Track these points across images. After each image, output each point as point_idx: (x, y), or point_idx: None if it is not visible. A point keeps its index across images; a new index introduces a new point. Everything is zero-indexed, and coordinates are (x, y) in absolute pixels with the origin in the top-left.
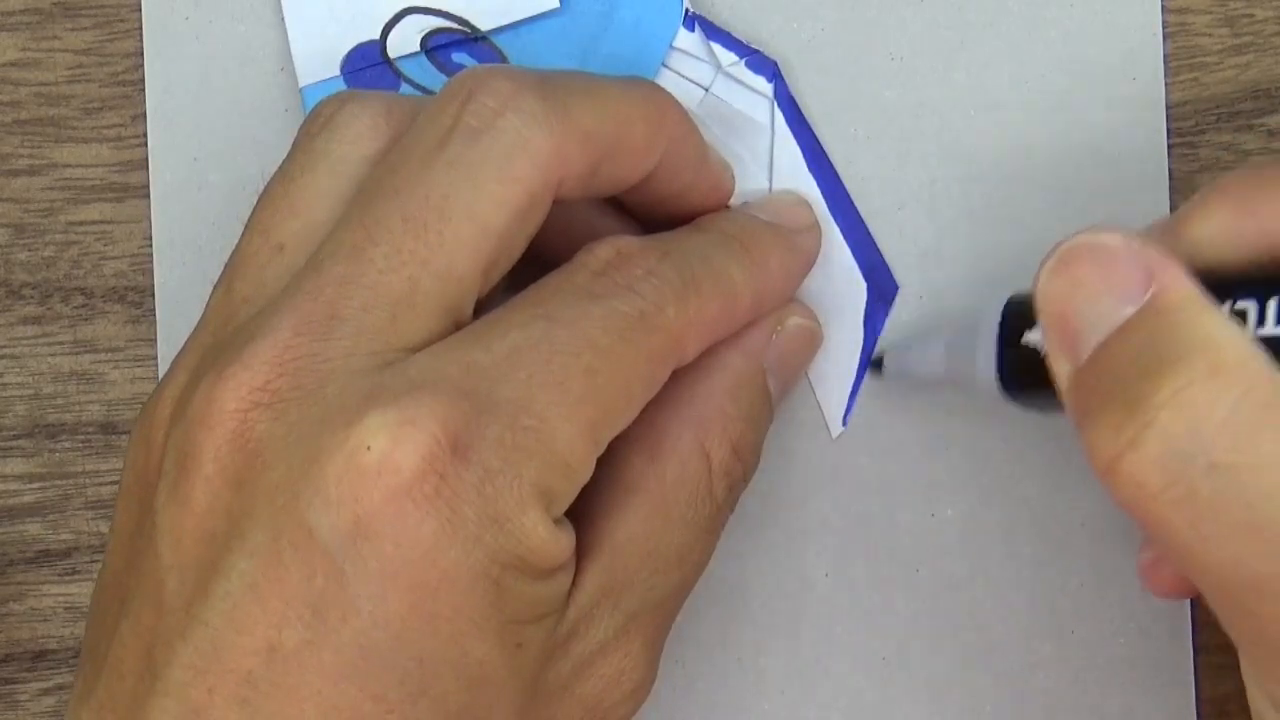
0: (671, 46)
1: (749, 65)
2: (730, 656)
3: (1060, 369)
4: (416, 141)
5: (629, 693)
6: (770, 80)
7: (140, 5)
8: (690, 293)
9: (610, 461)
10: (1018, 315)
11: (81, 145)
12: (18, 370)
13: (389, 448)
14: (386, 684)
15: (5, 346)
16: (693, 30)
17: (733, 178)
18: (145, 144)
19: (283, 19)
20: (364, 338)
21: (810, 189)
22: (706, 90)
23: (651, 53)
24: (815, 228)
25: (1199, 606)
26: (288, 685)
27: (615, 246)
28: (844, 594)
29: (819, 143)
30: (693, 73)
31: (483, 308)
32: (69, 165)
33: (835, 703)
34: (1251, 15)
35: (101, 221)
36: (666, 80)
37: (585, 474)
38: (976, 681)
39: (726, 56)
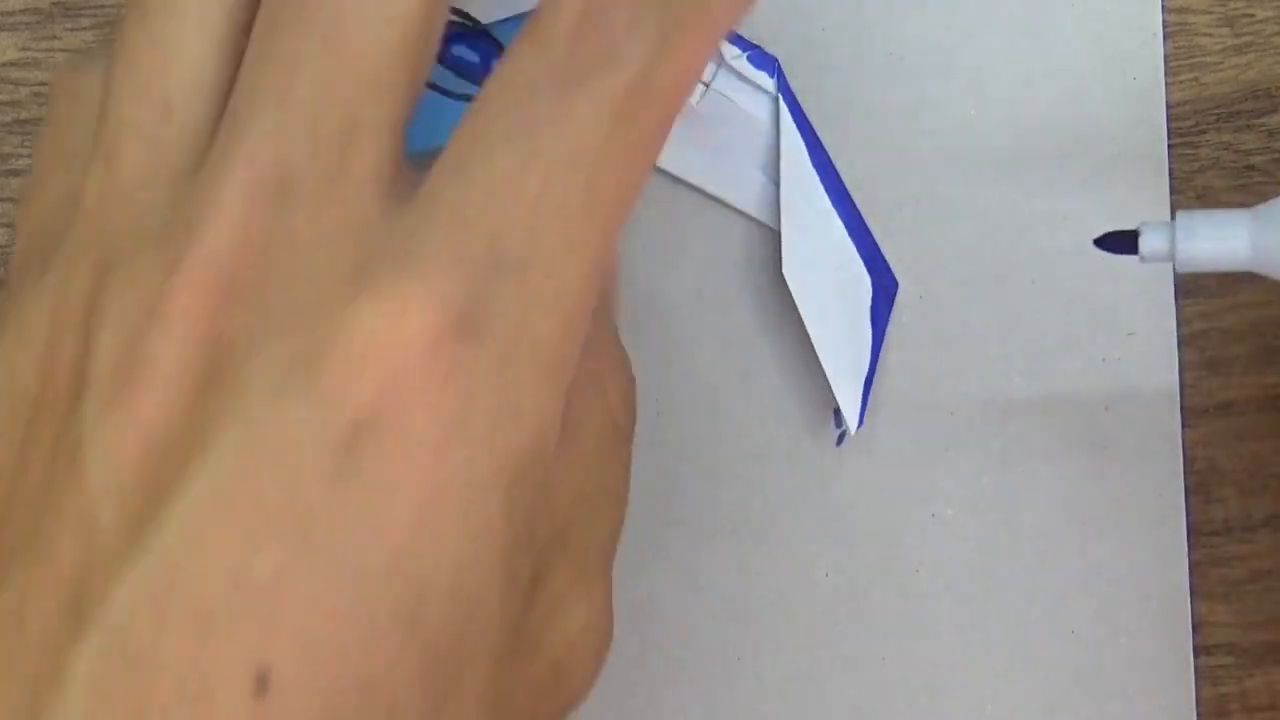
0: None
1: (751, 60)
2: (730, 656)
3: None
4: None
5: (595, 650)
6: (773, 76)
7: None
8: (678, 35)
9: None
10: None
11: None
12: None
13: (389, 334)
14: (377, 615)
15: None
16: None
17: None
18: None
19: None
20: (327, 197)
21: (813, 185)
22: (708, 86)
23: None
24: None
25: (1199, 606)
26: (259, 618)
27: None
28: (844, 594)
29: (819, 139)
30: None
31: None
32: None
33: (835, 703)
34: (1252, 15)
35: None
36: None
37: (593, 308)
38: (976, 681)
39: (729, 50)
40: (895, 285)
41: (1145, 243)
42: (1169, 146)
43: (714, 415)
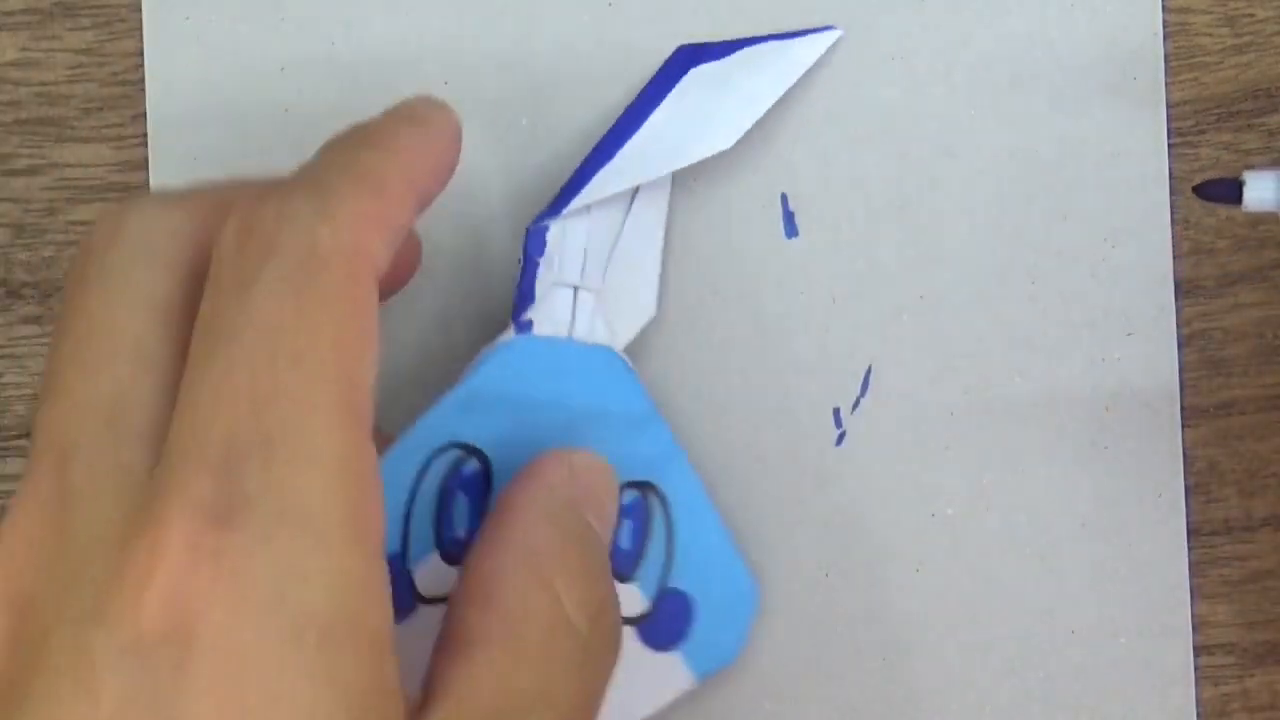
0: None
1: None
2: None
3: None
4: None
5: None
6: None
7: (140, 5)
8: (332, 206)
9: (446, 628)
10: None
11: (81, 145)
12: (18, 370)
13: (154, 552)
14: None
15: (5, 346)
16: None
17: None
18: (145, 144)
19: (283, 19)
20: (101, 460)
21: None
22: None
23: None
24: (446, 110)
25: (1199, 606)
26: None
27: (239, 212)
28: (844, 594)
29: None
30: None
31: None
32: (69, 165)
33: (835, 703)
34: (1252, 15)
35: None
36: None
37: (362, 463)
38: (976, 681)
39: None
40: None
41: (1250, 191)
42: (1169, 146)
43: (715, 415)
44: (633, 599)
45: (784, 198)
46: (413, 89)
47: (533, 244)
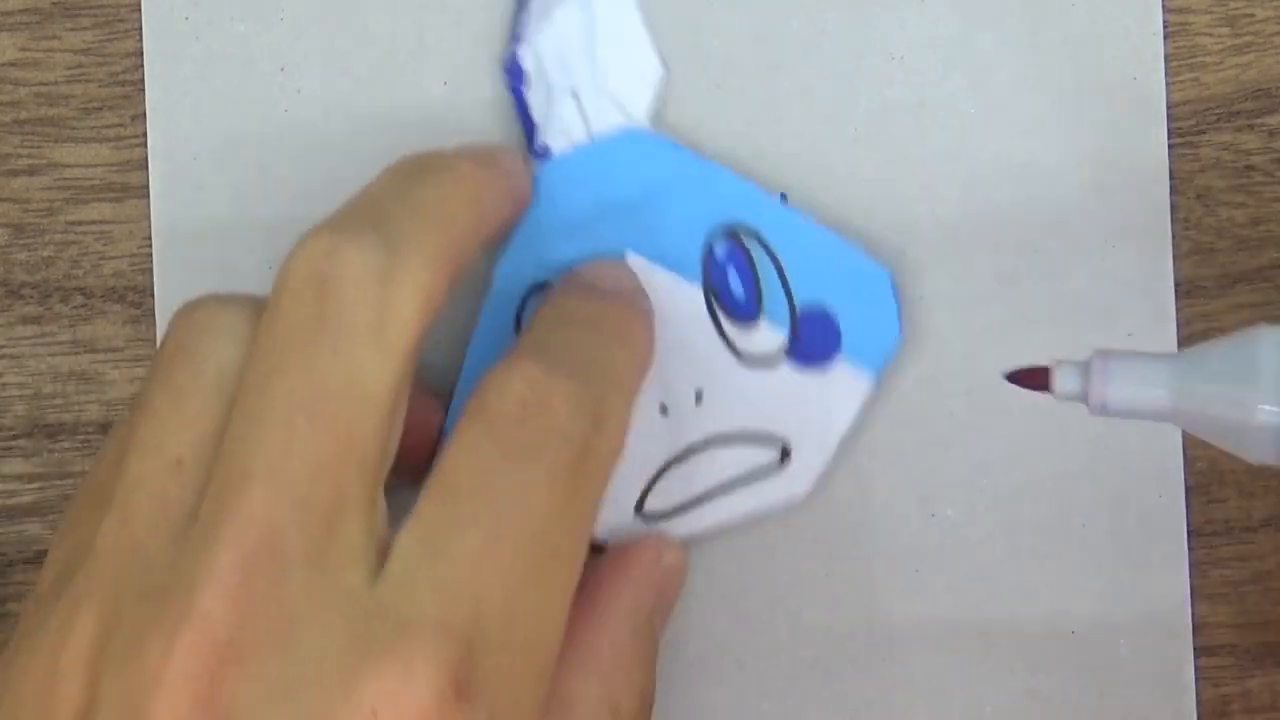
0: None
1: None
2: (730, 657)
3: None
4: (289, 340)
5: None
6: None
7: (140, 5)
8: (606, 409)
9: None
10: None
11: (81, 145)
12: (17, 370)
13: (399, 696)
14: None
15: (5, 346)
16: None
17: (529, 187)
18: (145, 144)
19: (283, 19)
20: (316, 566)
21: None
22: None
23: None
24: (643, 289)
25: (1199, 607)
26: None
27: (525, 379)
28: (845, 593)
29: None
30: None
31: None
32: (69, 165)
33: (835, 703)
34: (1252, 15)
35: (101, 221)
36: None
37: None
38: (976, 681)
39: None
40: None
41: (1059, 382)
42: (1169, 146)
43: None
44: (771, 334)
45: (783, 198)
46: (413, 89)
47: (513, 77)
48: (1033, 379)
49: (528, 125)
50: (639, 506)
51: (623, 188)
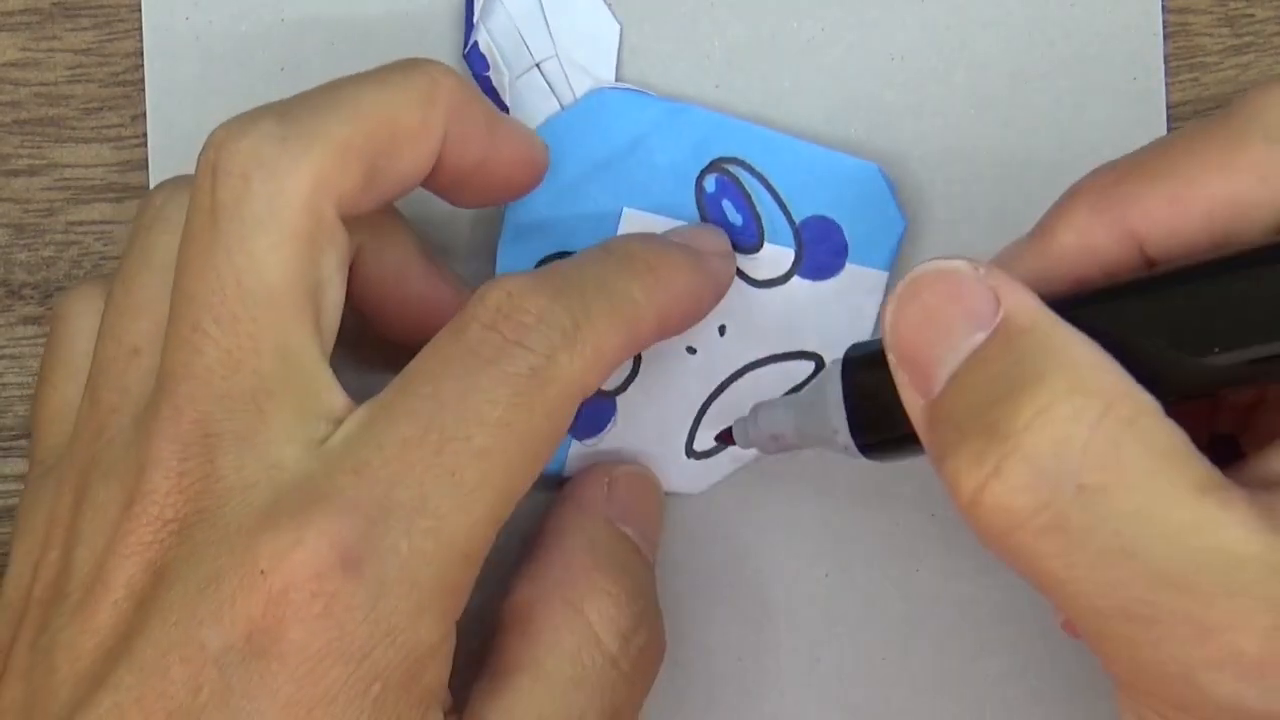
0: None
1: None
2: (730, 656)
3: (914, 406)
4: (191, 236)
5: None
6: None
7: (140, 5)
8: (585, 330)
9: (486, 650)
10: (860, 365)
11: (81, 145)
12: (18, 370)
13: (281, 559)
14: None
15: (5, 346)
16: None
17: (543, 146)
18: (145, 144)
19: (283, 19)
20: (247, 444)
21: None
22: None
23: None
24: (729, 255)
25: None
26: None
27: (505, 289)
28: (844, 594)
29: None
30: None
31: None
32: (69, 165)
33: (835, 703)
34: (1252, 15)
35: (101, 221)
36: None
37: (485, 552)
38: (976, 681)
39: None
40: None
41: (737, 434)
42: None
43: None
44: (778, 255)
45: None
46: None
47: (475, 65)
48: (726, 436)
49: (500, 108)
50: (689, 448)
51: (604, 147)
